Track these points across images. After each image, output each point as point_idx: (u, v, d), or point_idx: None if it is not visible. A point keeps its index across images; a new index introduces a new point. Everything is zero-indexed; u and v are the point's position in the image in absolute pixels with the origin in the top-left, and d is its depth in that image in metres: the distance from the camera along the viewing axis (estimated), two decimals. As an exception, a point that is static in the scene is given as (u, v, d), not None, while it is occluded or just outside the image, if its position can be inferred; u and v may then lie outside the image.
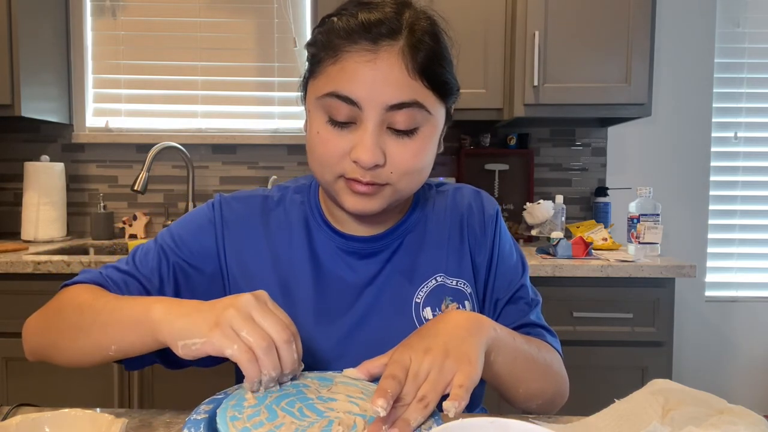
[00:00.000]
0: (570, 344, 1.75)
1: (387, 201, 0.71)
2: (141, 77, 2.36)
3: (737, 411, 0.51)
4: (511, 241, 0.88)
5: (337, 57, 0.67)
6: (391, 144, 0.68)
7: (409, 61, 0.66)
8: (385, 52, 0.65)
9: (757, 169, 2.43)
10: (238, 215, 0.81)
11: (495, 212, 0.86)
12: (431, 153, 0.72)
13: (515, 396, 0.72)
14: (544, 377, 0.74)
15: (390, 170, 0.68)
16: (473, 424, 0.46)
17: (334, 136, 0.68)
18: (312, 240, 0.80)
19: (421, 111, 0.67)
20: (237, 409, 0.54)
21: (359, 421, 0.53)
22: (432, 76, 0.68)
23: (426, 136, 0.70)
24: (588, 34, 1.94)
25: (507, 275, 0.83)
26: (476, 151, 2.31)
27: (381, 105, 0.65)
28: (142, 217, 2.33)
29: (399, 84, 0.65)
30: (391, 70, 0.65)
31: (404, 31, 0.66)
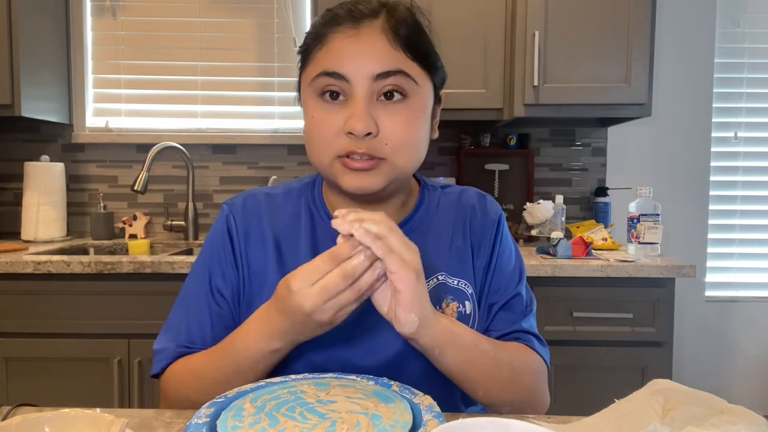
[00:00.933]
0: (570, 344, 1.76)
1: (386, 178, 0.72)
2: (141, 77, 2.37)
3: (737, 411, 0.51)
4: (512, 248, 0.88)
5: (323, 42, 0.72)
6: (383, 114, 0.70)
7: (391, 34, 0.70)
8: (366, 28, 0.71)
9: (757, 169, 2.43)
10: (244, 213, 0.83)
11: (498, 216, 0.87)
12: (424, 128, 0.74)
13: (475, 398, 0.74)
14: (508, 385, 0.74)
15: (384, 141, 0.70)
16: (473, 424, 0.46)
17: (328, 114, 0.71)
18: (315, 234, 0.81)
19: (407, 80, 0.71)
20: (237, 419, 0.54)
21: (362, 419, 0.53)
22: (414, 47, 0.72)
23: (415, 107, 0.72)
24: (588, 34, 1.94)
25: (503, 281, 0.84)
26: (476, 151, 2.31)
27: (367, 75, 0.69)
28: (142, 217, 2.33)
29: (382, 54, 0.70)
30: (373, 42, 0.70)
31: (383, 11, 0.72)
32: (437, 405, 0.59)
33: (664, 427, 0.48)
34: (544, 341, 0.84)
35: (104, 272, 1.71)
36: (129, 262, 1.71)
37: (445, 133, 2.36)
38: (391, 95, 0.71)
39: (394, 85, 0.70)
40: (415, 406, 0.58)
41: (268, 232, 0.81)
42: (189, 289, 0.82)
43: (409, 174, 0.77)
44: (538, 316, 1.86)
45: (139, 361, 1.73)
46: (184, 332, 0.79)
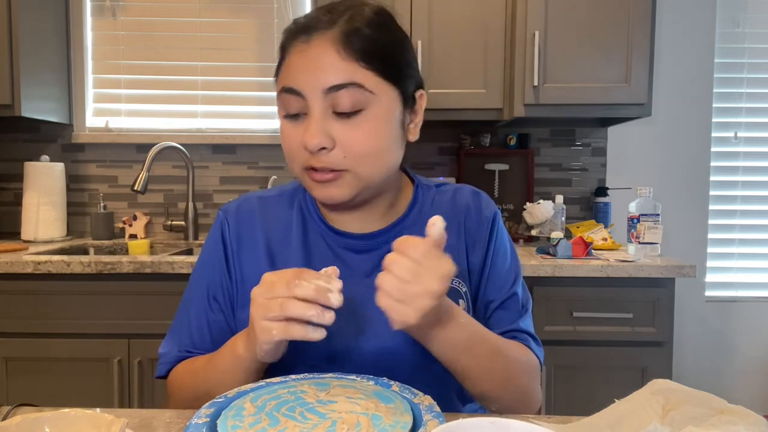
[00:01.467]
0: (570, 344, 1.76)
1: (353, 188, 0.73)
2: (141, 77, 2.37)
3: (737, 411, 0.51)
4: (507, 246, 0.87)
5: (284, 56, 0.74)
6: (339, 127, 0.70)
7: (343, 45, 0.69)
8: (316, 40, 0.70)
9: (757, 169, 2.43)
10: (241, 217, 0.84)
11: (492, 215, 0.86)
12: (387, 136, 0.73)
13: (466, 387, 0.74)
14: (503, 381, 0.74)
15: (342, 154, 0.70)
16: (473, 424, 0.46)
17: (291, 128, 0.73)
18: (306, 236, 0.82)
19: (361, 91, 0.69)
20: (237, 419, 0.54)
21: (363, 419, 0.53)
22: (370, 57, 0.70)
23: (374, 117, 0.71)
24: (588, 34, 1.94)
25: (499, 280, 0.83)
26: (476, 151, 2.31)
27: (319, 89, 0.69)
28: (142, 217, 2.33)
29: (332, 67, 0.69)
30: (322, 55, 0.69)
31: (340, 21, 0.71)
32: (437, 405, 0.59)
33: (664, 427, 0.48)
34: (539, 341, 0.84)
35: (104, 272, 1.71)
36: (129, 262, 1.71)
37: (445, 133, 2.36)
38: (347, 109, 0.70)
39: (349, 97, 0.69)
40: (415, 406, 0.58)
41: (260, 236, 0.82)
42: (189, 295, 0.85)
43: (379, 181, 0.76)
44: (537, 316, 1.86)
45: (139, 361, 1.73)
46: (186, 337, 0.82)
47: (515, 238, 2.26)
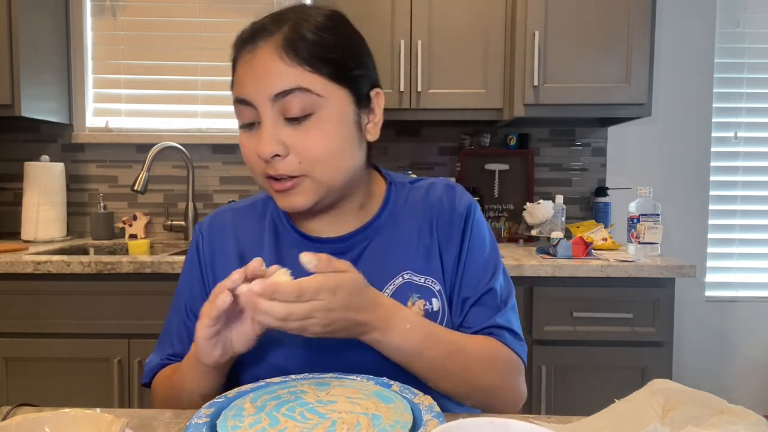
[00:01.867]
0: (570, 344, 1.76)
1: (313, 194, 0.73)
2: (141, 77, 2.37)
3: (737, 411, 0.51)
4: (485, 240, 0.85)
5: (234, 67, 0.74)
6: (290, 133, 0.70)
7: (287, 51, 0.69)
8: (261, 49, 0.70)
9: (757, 169, 2.43)
10: (213, 232, 0.86)
11: (466, 209, 0.84)
12: (341, 138, 0.73)
13: (428, 385, 0.74)
14: (460, 384, 0.73)
15: (297, 160, 0.71)
16: (473, 424, 0.46)
17: (247, 139, 0.73)
18: (279, 244, 0.82)
19: (309, 95, 0.70)
20: (237, 419, 0.54)
21: (363, 419, 0.53)
22: (317, 60, 0.70)
23: (325, 120, 0.71)
24: (588, 34, 1.94)
25: (475, 275, 0.81)
26: (476, 151, 2.31)
27: (266, 97, 0.69)
28: (142, 217, 2.33)
29: (277, 73, 0.69)
30: (266, 62, 0.69)
31: (283, 27, 0.71)
32: (437, 405, 0.59)
33: (664, 427, 0.48)
34: (520, 336, 0.82)
35: (104, 272, 1.71)
36: (129, 262, 1.71)
37: (445, 133, 2.36)
38: (297, 114, 0.70)
39: (297, 103, 0.69)
40: (415, 406, 0.58)
41: (232, 247, 0.83)
42: (172, 306, 0.87)
43: (341, 184, 0.75)
44: (537, 316, 1.86)
45: (139, 361, 1.73)
46: (168, 346, 0.85)
47: (515, 238, 2.27)
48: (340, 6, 2.28)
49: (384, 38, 2.01)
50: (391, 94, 2.02)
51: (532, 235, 2.06)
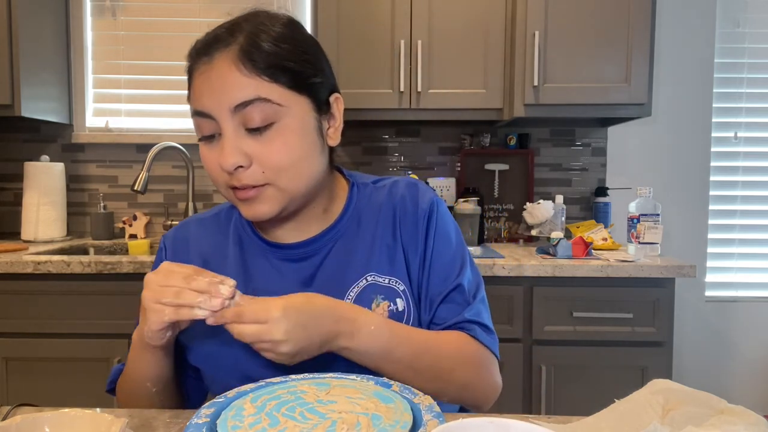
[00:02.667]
0: (570, 344, 1.76)
1: (278, 202, 0.73)
2: (141, 77, 2.37)
3: (737, 411, 0.51)
4: (450, 236, 0.83)
5: (190, 80, 0.74)
6: (252, 144, 0.70)
7: (244, 61, 0.69)
8: (217, 60, 0.70)
9: (757, 169, 2.43)
10: (177, 243, 0.86)
11: (429, 206, 0.82)
12: (303, 146, 0.73)
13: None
14: (431, 381, 0.73)
15: (261, 170, 0.71)
16: (473, 424, 0.46)
17: (208, 151, 0.73)
18: (244, 253, 0.82)
19: (269, 105, 0.69)
20: (237, 419, 0.54)
21: (363, 419, 0.53)
22: (274, 70, 0.70)
23: (287, 129, 0.71)
24: (588, 34, 1.94)
25: (442, 272, 0.81)
26: (476, 151, 2.31)
27: (226, 108, 0.69)
28: (142, 217, 2.33)
29: (236, 85, 0.69)
30: (224, 74, 0.69)
31: (239, 37, 0.70)
32: (437, 405, 0.59)
33: (664, 427, 0.48)
34: (490, 329, 0.81)
35: (104, 272, 1.71)
36: (129, 262, 1.71)
37: (445, 133, 2.36)
38: (258, 125, 0.70)
39: (257, 113, 0.69)
40: (415, 406, 0.58)
41: (196, 258, 0.83)
42: (139, 317, 0.86)
43: (304, 191, 0.75)
44: (537, 316, 1.86)
45: (139, 361, 1.73)
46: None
47: (515, 238, 2.27)
48: (341, 7, 2.28)
49: (384, 38, 2.01)
50: (391, 94, 2.02)
51: (532, 235, 2.06)
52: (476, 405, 0.79)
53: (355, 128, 2.32)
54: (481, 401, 0.78)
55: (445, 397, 0.75)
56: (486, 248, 2.02)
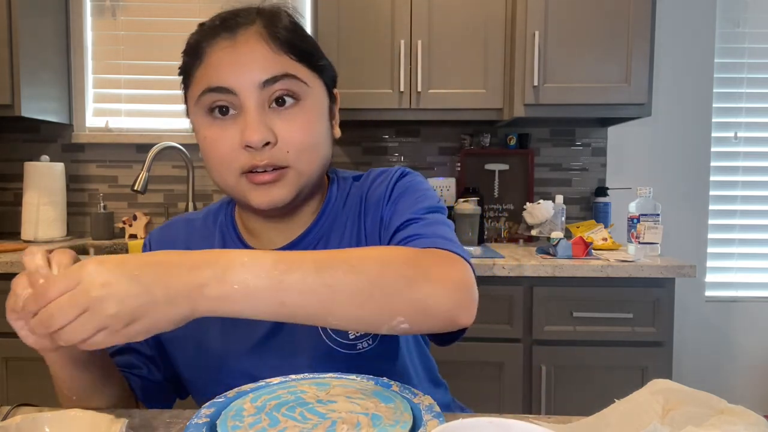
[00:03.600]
0: (570, 344, 1.76)
1: (294, 187, 0.70)
2: (141, 77, 2.37)
3: (737, 411, 0.51)
4: (414, 189, 0.76)
5: (201, 58, 0.70)
6: (278, 121, 0.68)
7: (269, 38, 0.68)
8: (242, 36, 0.68)
9: (757, 169, 2.43)
10: (162, 243, 0.83)
11: (392, 176, 0.78)
12: (321, 129, 0.72)
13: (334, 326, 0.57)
14: (358, 293, 0.54)
15: (285, 149, 0.68)
16: (473, 424, 0.46)
17: (221, 132, 0.69)
18: None
19: (296, 82, 0.69)
20: (237, 419, 0.54)
21: (362, 419, 0.53)
22: (297, 49, 0.70)
23: (310, 109, 0.70)
24: (588, 34, 1.94)
25: (400, 216, 0.72)
26: (476, 151, 2.31)
27: (254, 84, 0.67)
28: (142, 217, 2.33)
29: (265, 60, 0.67)
30: (252, 49, 0.67)
31: (262, 18, 0.70)
32: (437, 405, 0.59)
33: (664, 427, 0.48)
34: (452, 240, 0.67)
35: (104, 272, 1.71)
36: (129, 262, 1.71)
37: (445, 133, 2.36)
38: (283, 101, 0.68)
39: (285, 90, 0.68)
40: (415, 406, 0.58)
41: None
42: None
43: (316, 179, 0.73)
44: (537, 316, 1.86)
45: (139, 361, 1.73)
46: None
47: (515, 238, 2.27)
48: (341, 6, 2.28)
49: (384, 38, 2.01)
50: (391, 94, 2.02)
51: (532, 235, 2.06)
52: (448, 313, 0.58)
53: (355, 128, 2.32)
54: (447, 304, 0.57)
55: (396, 319, 0.56)
56: (486, 248, 2.02)
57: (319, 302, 0.53)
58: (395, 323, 0.55)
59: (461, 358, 1.73)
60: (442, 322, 0.58)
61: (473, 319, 0.60)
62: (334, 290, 0.53)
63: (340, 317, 0.54)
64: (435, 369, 0.88)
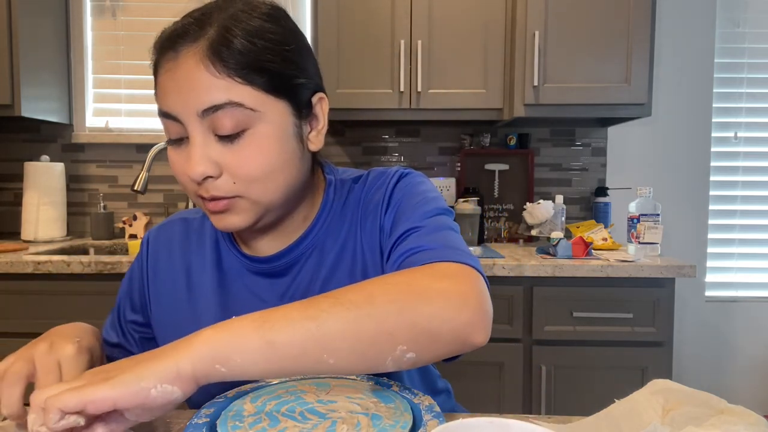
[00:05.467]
0: (570, 344, 1.76)
1: (250, 214, 0.65)
2: (141, 77, 2.37)
3: (737, 411, 0.51)
4: (415, 189, 0.72)
5: (156, 75, 0.65)
6: (222, 152, 0.62)
7: (213, 60, 0.60)
8: (184, 56, 0.61)
9: (757, 169, 2.43)
10: (159, 243, 0.82)
11: (391, 178, 0.74)
12: (279, 154, 0.64)
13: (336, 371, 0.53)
14: (359, 336, 0.50)
15: (231, 180, 0.63)
16: (473, 424, 0.46)
17: (176, 155, 0.65)
18: (221, 261, 0.77)
19: (241, 110, 0.61)
20: (237, 419, 0.54)
21: (362, 419, 0.53)
22: (248, 71, 0.61)
23: (261, 136, 0.63)
24: (588, 34, 1.94)
25: (402, 224, 0.68)
26: (476, 151, 2.31)
27: (193, 112, 0.61)
28: (142, 217, 2.33)
29: (205, 86, 0.60)
30: (191, 73, 0.60)
31: (209, 30, 0.61)
32: (437, 405, 0.59)
33: (664, 427, 0.48)
34: (460, 250, 0.61)
35: (104, 272, 1.71)
36: (129, 262, 1.71)
37: (445, 133, 2.36)
38: (228, 134, 0.61)
39: (227, 122, 0.61)
40: (415, 406, 0.58)
41: (178, 260, 0.79)
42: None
43: (281, 202, 0.67)
44: (538, 316, 1.86)
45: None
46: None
47: (515, 238, 2.27)
48: (341, 6, 2.28)
49: (384, 38, 2.01)
50: (391, 94, 2.02)
51: (532, 235, 2.06)
52: (456, 333, 0.53)
53: (355, 128, 2.32)
54: (453, 323, 0.52)
55: (415, 356, 0.52)
56: (486, 248, 2.02)
57: (309, 338, 0.50)
58: (398, 354, 0.51)
59: (461, 358, 1.73)
60: (452, 344, 0.53)
61: (488, 335, 0.54)
62: (321, 322, 0.50)
63: (337, 355, 0.50)
64: (436, 378, 0.85)
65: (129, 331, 0.83)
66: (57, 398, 0.46)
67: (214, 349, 0.49)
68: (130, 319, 0.83)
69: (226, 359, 0.49)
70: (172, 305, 0.78)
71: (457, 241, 0.64)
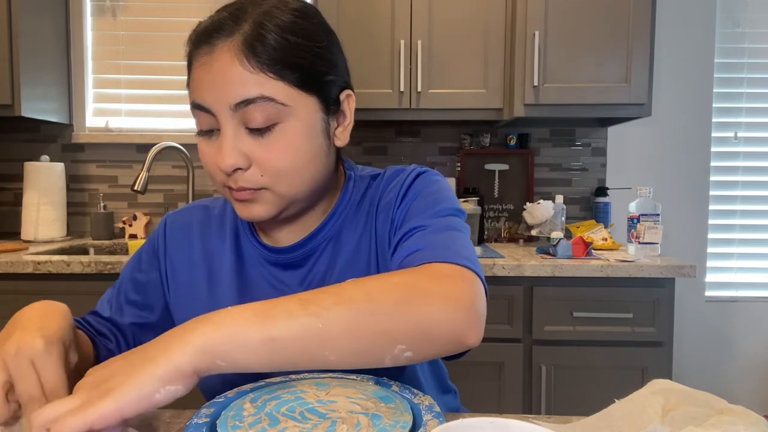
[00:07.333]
0: (570, 344, 1.76)
1: (275, 206, 0.68)
2: (141, 77, 2.37)
3: (737, 411, 0.51)
4: (426, 188, 0.73)
5: (190, 68, 0.67)
6: (252, 145, 0.64)
7: (248, 55, 0.62)
8: (219, 51, 0.63)
9: (757, 169, 2.43)
10: (178, 228, 0.82)
11: (407, 176, 0.75)
12: (306, 149, 0.66)
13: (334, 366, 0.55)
14: (360, 333, 0.52)
15: (259, 173, 0.65)
16: (473, 425, 0.46)
17: (207, 146, 0.67)
18: (240, 250, 0.78)
19: (273, 105, 0.63)
20: (237, 419, 0.54)
21: (362, 419, 0.53)
22: (281, 65, 0.63)
23: (290, 131, 0.65)
24: (588, 34, 1.94)
25: (405, 226, 0.69)
26: (476, 151, 2.31)
27: (226, 105, 0.63)
28: (142, 217, 2.33)
29: (238, 81, 0.62)
30: (226, 68, 0.62)
31: (243, 26, 0.63)
32: (437, 405, 0.59)
33: (664, 427, 0.48)
34: (462, 254, 0.61)
35: (104, 272, 1.71)
36: (129, 262, 1.71)
37: (445, 133, 2.36)
38: (259, 127, 0.64)
39: (259, 115, 0.63)
40: (415, 406, 0.58)
41: (198, 248, 0.80)
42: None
43: (305, 195, 0.69)
44: (538, 316, 1.86)
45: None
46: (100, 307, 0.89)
47: (515, 238, 2.27)
48: (341, 6, 2.28)
49: (384, 38, 2.01)
50: (391, 94, 2.02)
51: (532, 235, 2.06)
52: (452, 335, 0.55)
53: (355, 128, 2.30)
54: (450, 325, 0.54)
55: (411, 353, 0.54)
56: (486, 248, 2.02)
57: (311, 335, 0.51)
58: (397, 352, 0.53)
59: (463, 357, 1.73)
60: (447, 345, 0.55)
61: (481, 338, 0.57)
62: (323, 320, 0.51)
63: (338, 352, 0.51)
64: (445, 376, 0.86)
65: (125, 311, 0.85)
66: (62, 424, 0.45)
67: (215, 345, 0.49)
68: (131, 298, 0.84)
69: (227, 355, 0.49)
70: (191, 288, 0.79)
71: (461, 241, 0.65)
